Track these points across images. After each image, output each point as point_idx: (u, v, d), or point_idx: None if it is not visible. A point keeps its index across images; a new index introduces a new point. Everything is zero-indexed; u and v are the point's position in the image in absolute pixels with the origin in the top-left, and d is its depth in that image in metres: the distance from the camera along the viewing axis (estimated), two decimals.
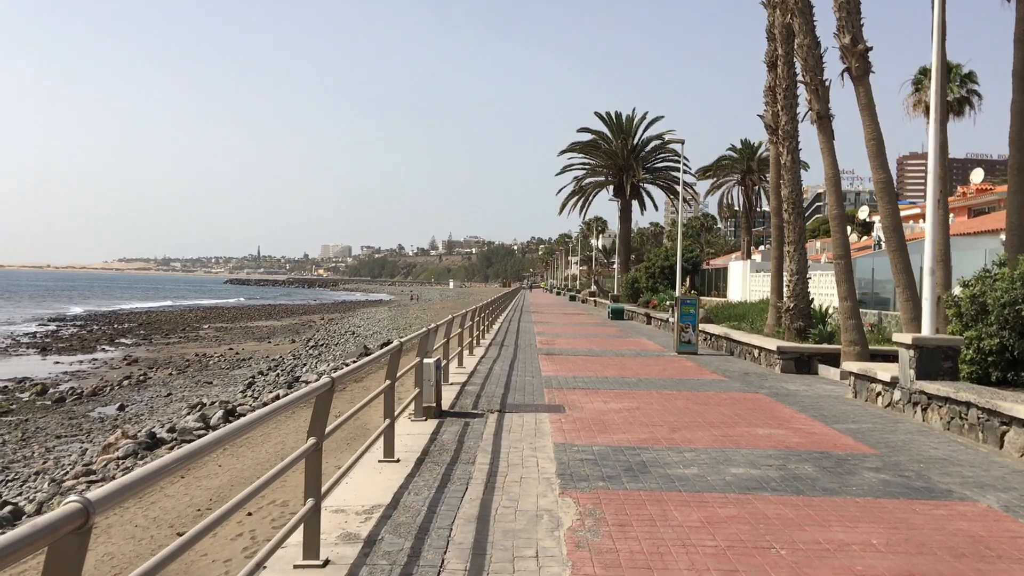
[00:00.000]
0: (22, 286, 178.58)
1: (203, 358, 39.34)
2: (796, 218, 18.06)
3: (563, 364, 16.61)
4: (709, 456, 7.94)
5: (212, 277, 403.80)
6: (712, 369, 16.32)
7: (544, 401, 11.42)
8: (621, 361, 17.62)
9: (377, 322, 61.98)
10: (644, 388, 13.05)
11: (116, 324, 67.37)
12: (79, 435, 22.26)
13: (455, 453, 7.87)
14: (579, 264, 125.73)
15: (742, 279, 33.82)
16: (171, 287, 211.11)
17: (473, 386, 12.76)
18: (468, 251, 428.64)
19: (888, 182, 12.98)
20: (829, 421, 10.25)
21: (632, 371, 15.57)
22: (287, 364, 34.63)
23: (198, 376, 33.14)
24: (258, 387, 27.95)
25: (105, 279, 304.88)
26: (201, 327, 64.72)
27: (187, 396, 27.80)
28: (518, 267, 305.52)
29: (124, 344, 48.87)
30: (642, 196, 52.07)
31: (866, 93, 12.99)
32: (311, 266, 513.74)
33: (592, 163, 52.67)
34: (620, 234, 52.04)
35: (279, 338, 52.72)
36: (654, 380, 14.14)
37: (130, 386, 30.62)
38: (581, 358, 18.07)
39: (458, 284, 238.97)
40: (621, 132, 50.38)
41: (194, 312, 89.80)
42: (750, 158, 59.13)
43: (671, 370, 15.98)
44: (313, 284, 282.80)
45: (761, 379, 14.80)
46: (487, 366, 15.84)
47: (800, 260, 18.09)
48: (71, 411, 25.94)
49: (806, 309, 17.93)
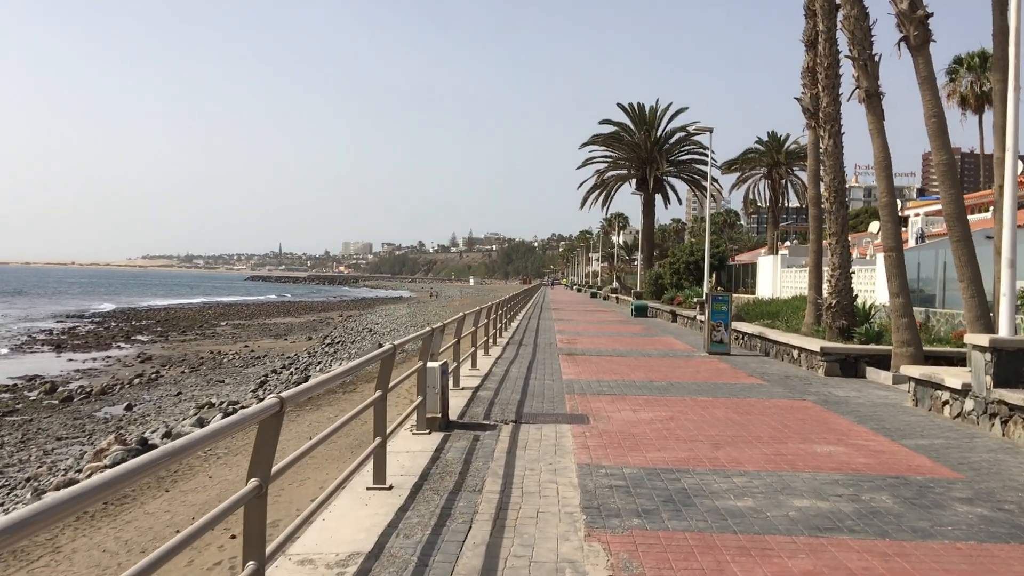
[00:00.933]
0: (46, 283, 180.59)
1: (217, 356, 38.59)
2: (838, 208, 16.64)
3: (586, 366, 15.32)
4: (763, 482, 6.62)
5: (234, 274, 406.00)
6: (748, 372, 14.96)
7: (565, 410, 10.14)
8: (648, 362, 16.29)
9: (395, 319, 61.06)
10: (677, 394, 11.73)
11: (134, 321, 66.99)
12: (80, 437, 21.51)
13: (460, 477, 6.61)
14: (600, 261, 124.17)
15: (772, 275, 32.31)
16: (193, 284, 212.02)
17: (486, 391, 11.50)
18: (488, 248, 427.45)
19: (951, 164, 11.57)
20: (894, 435, 8.89)
21: (661, 374, 14.25)
22: (301, 362, 33.75)
23: (210, 375, 32.45)
24: (270, 386, 27.19)
25: (129, 276, 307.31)
26: (219, 324, 64.20)
27: (197, 396, 27.09)
28: (538, 264, 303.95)
29: (140, 341, 48.32)
30: (665, 190, 50.58)
31: (926, 64, 11.59)
32: (332, 263, 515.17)
33: (614, 156, 51.21)
34: (643, 229, 50.57)
35: (296, 335, 51.97)
36: (687, 384, 12.81)
37: (141, 385, 29.94)
38: (605, 359, 16.77)
39: (478, 281, 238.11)
40: (644, 124, 48.89)
41: (213, 309, 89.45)
42: (777, 151, 57.40)
43: (704, 373, 14.64)
44: (334, 281, 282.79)
45: (804, 383, 13.42)
46: (503, 368, 14.60)
47: (843, 253, 16.67)
48: (77, 411, 25.23)
49: (849, 306, 16.51)
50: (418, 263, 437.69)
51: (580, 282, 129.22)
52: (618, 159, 51.12)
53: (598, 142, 50.31)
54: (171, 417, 22.97)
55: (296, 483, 11.04)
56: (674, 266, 42.51)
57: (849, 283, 16.65)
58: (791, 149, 57.55)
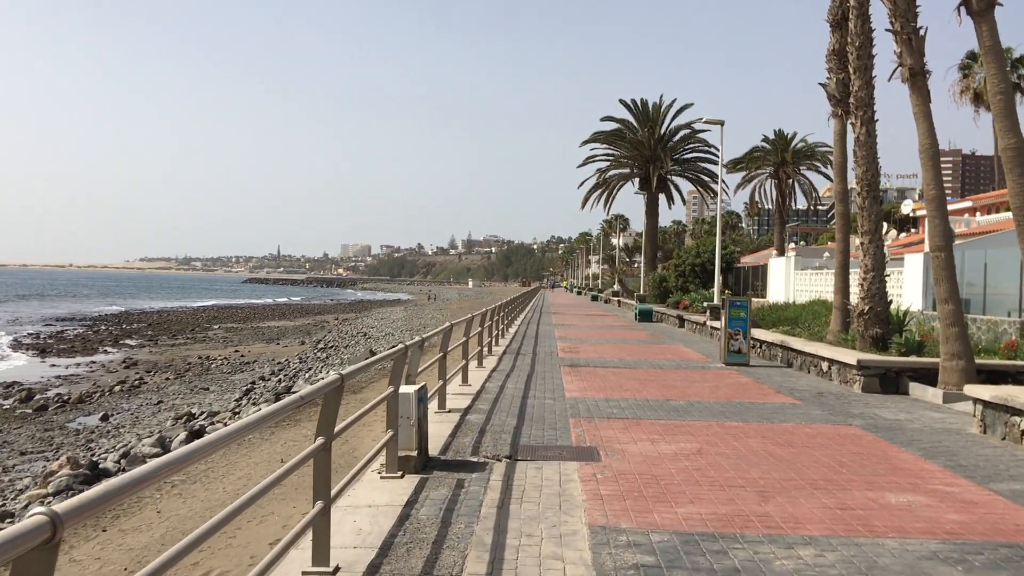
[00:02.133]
0: (41, 285, 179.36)
1: (206, 361, 37.31)
2: (871, 203, 14.95)
3: (591, 380, 13.63)
4: (840, 556, 4.92)
5: (232, 276, 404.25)
6: (775, 387, 13.26)
7: (570, 439, 8.43)
8: (661, 375, 14.60)
9: (391, 323, 59.51)
10: (700, 416, 10.04)
11: (125, 324, 65.68)
12: (47, 451, 20.06)
13: (433, 551, 4.90)
14: (600, 263, 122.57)
15: (785, 278, 30.63)
16: (189, 286, 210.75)
17: (477, 414, 9.79)
18: (488, 250, 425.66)
19: (1020, 149, 9.88)
20: (978, 477, 7.18)
21: (678, 390, 12.54)
22: (291, 368, 32.33)
23: (195, 382, 31.15)
24: (256, 394, 25.76)
25: (125, 278, 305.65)
26: (211, 327, 62.89)
27: (178, 405, 25.76)
28: (538, 266, 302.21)
29: (128, 345, 47.10)
30: (669, 189, 48.90)
31: (991, 32, 9.92)
32: (331, 265, 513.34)
33: (616, 154, 49.51)
34: (646, 230, 48.89)
35: (289, 339, 50.59)
36: (709, 404, 11.11)
37: (122, 392, 28.67)
38: (612, 371, 15.07)
39: (477, 284, 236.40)
40: (648, 120, 47.19)
41: (206, 312, 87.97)
42: (784, 149, 55.78)
43: (725, 388, 12.94)
44: (332, 283, 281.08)
45: (843, 402, 11.72)
46: (498, 382, 12.90)
47: (876, 254, 14.98)
48: (50, 421, 23.87)
49: (884, 313, 14.82)
50: (417, 265, 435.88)
51: (580, 285, 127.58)
52: (620, 157, 49.43)
53: (600, 140, 48.64)
54: (147, 429, 21.59)
55: (256, 520, 9.35)
56: (679, 268, 40.86)
57: (884, 287, 14.96)
58: (799, 148, 55.94)
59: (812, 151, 56.48)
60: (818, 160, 56.92)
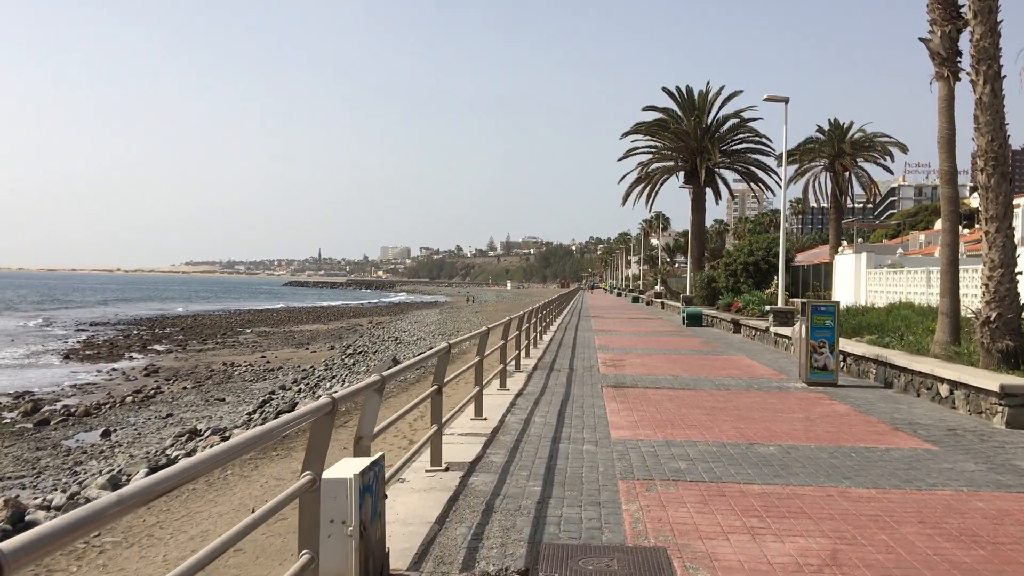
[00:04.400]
0: (85, 289, 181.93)
1: (229, 368, 35.40)
2: (999, 181, 11.69)
3: (643, 408, 10.58)
4: None
5: (274, 279, 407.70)
6: (886, 420, 10.08)
7: (623, 530, 5.39)
8: (731, 400, 11.49)
9: (424, 326, 57.16)
10: (806, 475, 6.95)
11: (158, 328, 64.66)
12: (27, 476, 17.92)
13: None
14: (640, 263, 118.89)
15: (854, 277, 27.14)
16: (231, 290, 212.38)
17: (485, 474, 6.79)
18: (526, 252, 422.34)
19: None
20: None
21: (760, 425, 9.44)
22: (315, 376, 30.27)
23: (213, 391, 29.36)
24: (272, 406, 23.85)
25: (170, 282, 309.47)
26: (244, 331, 61.50)
27: (187, 419, 23.90)
28: (577, 267, 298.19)
29: (155, 351, 45.70)
30: (717, 183, 45.43)
31: None
32: (371, 268, 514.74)
33: (659, 145, 46.12)
34: (692, 226, 45.44)
35: (319, 343, 48.66)
36: (812, 452, 7.99)
37: (133, 403, 26.98)
38: (667, 394, 12.00)
39: (516, 285, 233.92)
40: (694, 109, 43.77)
41: (242, 315, 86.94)
42: (840, 140, 51.91)
43: (823, 422, 9.80)
44: (371, 286, 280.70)
45: (993, 446, 8.52)
46: (523, 413, 9.94)
47: (1007, 246, 11.70)
48: (46, 437, 22.02)
49: (1016, 320, 11.56)
50: (456, 267, 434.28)
51: (619, 286, 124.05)
52: (664, 149, 46.05)
53: (641, 131, 45.33)
54: (142, 450, 19.47)
55: None
56: (730, 268, 37.46)
57: (1015, 287, 11.69)
58: (856, 138, 52.07)
59: (871, 141, 52.53)
60: (877, 151, 53.05)
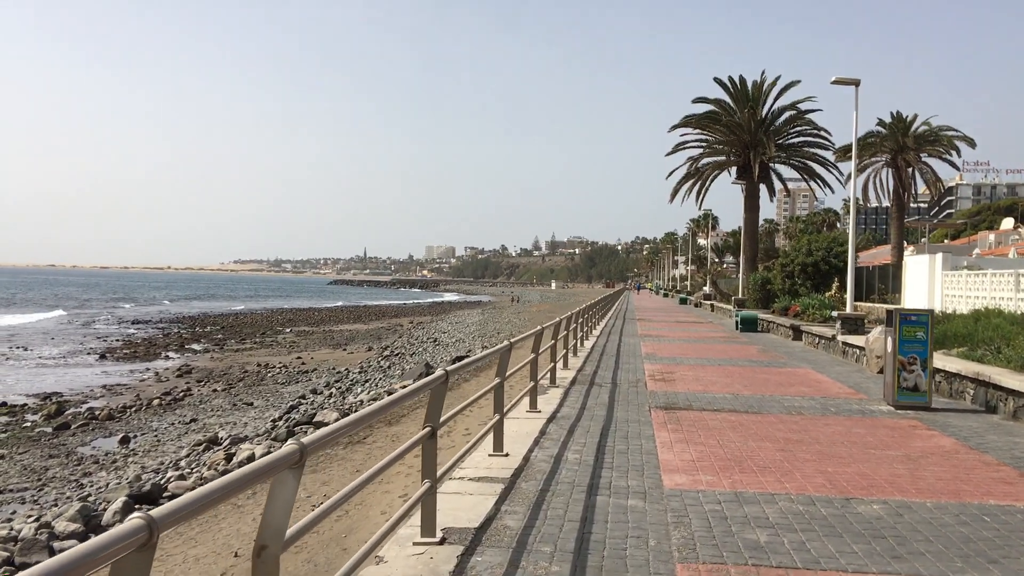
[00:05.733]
0: (134, 287, 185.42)
1: (263, 369, 34.46)
2: None
3: (701, 440, 8.68)
4: None
5: (320, 278, 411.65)
6: (1008, 460, 8.02)
7: None
8: (807, 429, 9.50)
9: (465, 327, 55.79)
10: (943, 561, 4.98)
11: (198, 327, 64.55)
12: (29, 489, 17.10)
13: None
14: (687, 264, 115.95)
15: (928, 281, 24.71)
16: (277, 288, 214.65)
17: (494, 552, 4.90)
18: (571, 251, 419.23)
19: None
20: None
21: (854, 470, 7.44)
22: (348, 379, 29.16)
23: (243, 394, 28.70)
24: (298, 413, 22.88)
25: (218, 280, 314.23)
26: (283, 331, 61.02)
27: (210, 424, 23.26)
28: (622, 267, 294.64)
29: (192, 350, 45.26)
30: (771, 179, 42.92)
31: None
32: (415, 267, 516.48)
33: (710, 139, 43.74)
34: (745, 225, 43.00)
35: (357, 344, 47.73)
36: (932, 515, 6.00)
37: (160, 406, 25.60)
38: (728, 420, 10.05)
39: (560, 285, 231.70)
40: (748, 101, 41.32)
41: (283, 314, 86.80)
42: (903, 134, 49.05)
43: (931, 465, 7.76)
44: (415, 285, 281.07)
45: None
46: (553, 447, 8.10)
47: None
48: (63, 443, 21.27)
49: None
50: (500, 267, 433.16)
51: (666, 286, 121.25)
52: (715, 143, 43.66)
53: (691, 124, 43.01)
54: (156, 460, 18.43)
55: None
56: (787, 269, 35.11)
57: None
58: (920, 132, 49.10)
59: (936, 135, 49.52)
60: (942, 146, 49.98)
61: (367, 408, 3.78)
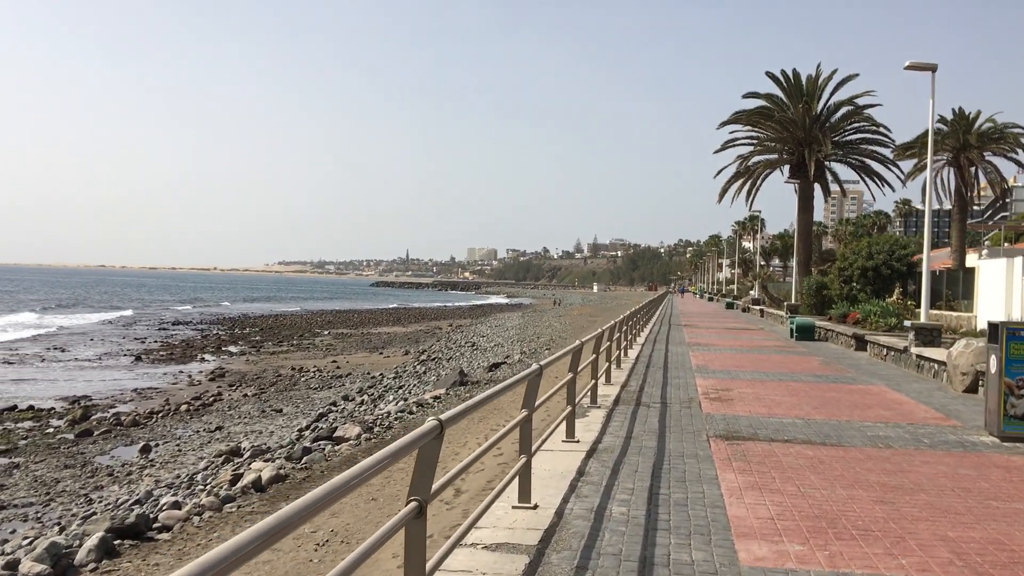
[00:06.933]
0: (182, 288, 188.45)
1: (297, 373, 33.61)
2: None
3: (777, 487, 7.01)
4: None
5: (362, 279, 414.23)
6: None
7: None
8: (904, 469, 7.77)
9: (504, 331, 54.42)
10: None
11: (237, 328, 64.28)
12: (37, 503, 16.16)
13: None
14: (732, 267, 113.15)
15: (1005, 287, 22.57)
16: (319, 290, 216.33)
17: None
18: (613, 254, 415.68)
19: None
20: None
21: (982, 534, 5.72)
22: (382, 385, 28.25)
23: (273, 400, 27.96)
24: (327, 421, 21.08)
25: (264, 281, 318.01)
26: (321, 333, 60.37)
27: (235, 432, 22.54)
28: (665, 270, 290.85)
29: (228, 352, 44.63)
30: (826, 178, 40.69)
31: None
32: (457, 269, 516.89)
33: (761, 136, 41.65)
34: (799, 226, 40.82)
35: (394, 348, 46.70)
36: None
37: (188, 411, 24.83)
38: (805, 455, 8.35)
39: (602, 288, 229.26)
40: (802, 96, 39.16)
41: (322, 316, 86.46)
42: (966, 131, 46.39)
43: None
44: (457, 287, 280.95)
45: None
46: (594, 495, 6.50)
47: None
48: (81, 452, 20.52)
49: None
50: (542, 269, 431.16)
51: (710, 290, 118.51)
52: (766, 140, 41.55)
53: (741, 120, 40.96)
54: (173, 474, 17.42)
55: None
56: (845, 272, 32.97)
57: None
58: (984, 129, 46.36)
59: (1001, 133, 46.74)
60: (1008, 143, 47.18)
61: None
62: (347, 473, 2.92)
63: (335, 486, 2.77)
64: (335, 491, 2.75)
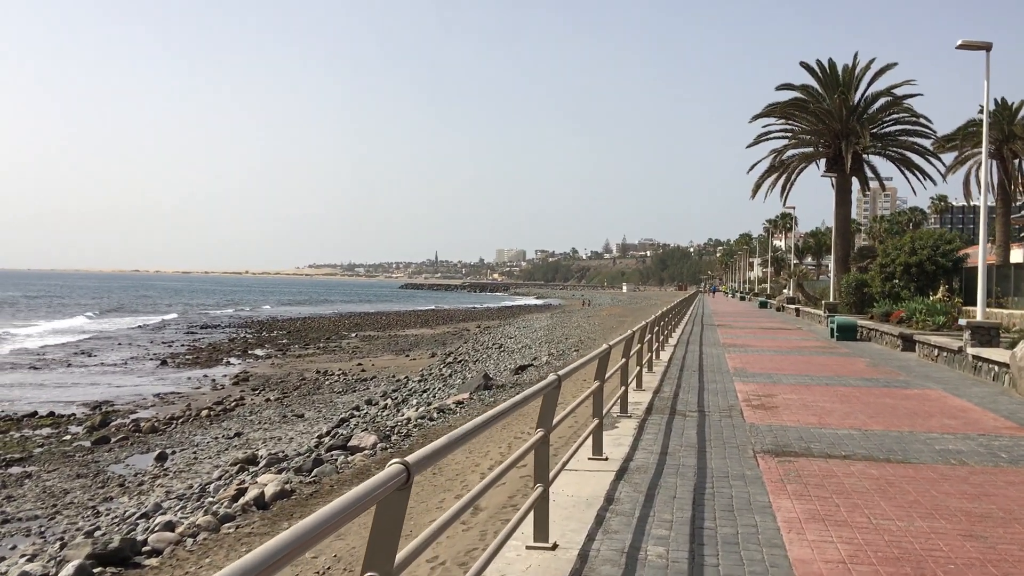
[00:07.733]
0: (221, 291, 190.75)
1: (321, 376, 33.16)
2: None
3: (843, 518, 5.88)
4: None
5: (391, 282, 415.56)
6: None
7: None
8: (988, 492, 6.61)
9: (532, 332, 53.56)
10: None
11: (265, 331, 64.07)
12: (43, 516, 15.19)
13: None
14: (763, 265, 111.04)
15: None
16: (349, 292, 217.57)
17: None
18: (643, 254, 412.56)
19: None
20: None
21: None
22: (406, 389, 27.74)
23: (296, 404, 27.61)
24: (349, 427, 20.53)
25: (296, 284, 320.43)
26: (348, 336, 59.96)
27: (254, 439, 20.76)
28: (694, 270, 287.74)
29: (255, 356, 44.40)
30: (864, 171, 39.13)
31: None
32: (486, 270, 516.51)
33: (796, 129, 40.21)
34: (836, 221, 39.28)
35: (421, 350, 46.15)
36: None
37: (208, 417, 24.29)
38: (870, 476, 7.22)
39: (631, 288, 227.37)
40: (838, 86, 37.65)
41: (350, 318, 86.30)
42: (1009, 122, 44.66)
43: None
44: (486, 288, 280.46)
45: None
46: (625, 530, 5.43)
47: None
48: (96, 460, 20.14)
49: None
50: (571, 270, 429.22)
51: (741, 289, 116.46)
52: (801, 133, 40.11)
53: (775, 113, 39.54)
54: (185, 482, 16.89)
55: None
56: (886, 269, 31.49)
57: None
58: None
59: None
60: None
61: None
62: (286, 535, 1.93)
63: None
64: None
